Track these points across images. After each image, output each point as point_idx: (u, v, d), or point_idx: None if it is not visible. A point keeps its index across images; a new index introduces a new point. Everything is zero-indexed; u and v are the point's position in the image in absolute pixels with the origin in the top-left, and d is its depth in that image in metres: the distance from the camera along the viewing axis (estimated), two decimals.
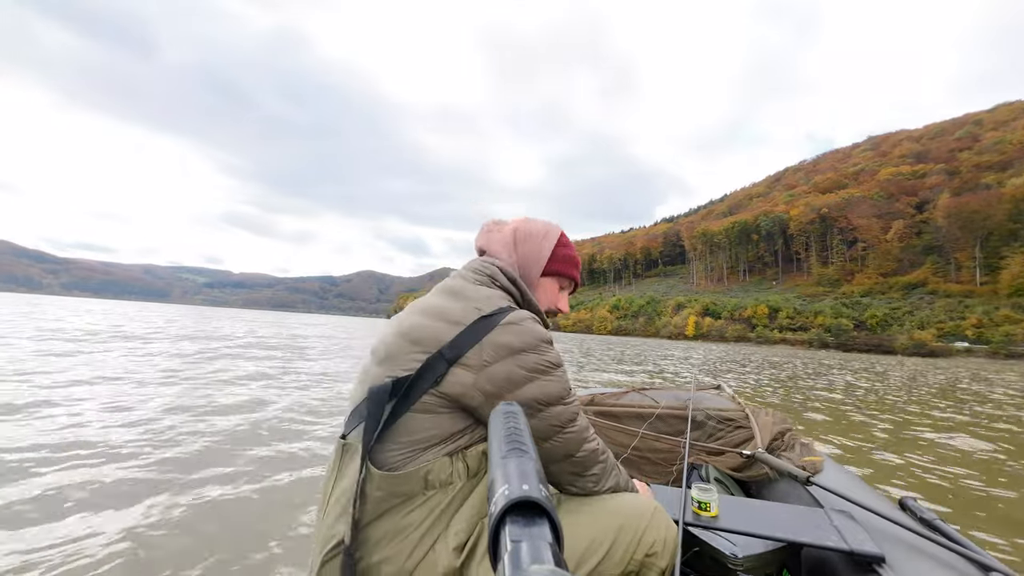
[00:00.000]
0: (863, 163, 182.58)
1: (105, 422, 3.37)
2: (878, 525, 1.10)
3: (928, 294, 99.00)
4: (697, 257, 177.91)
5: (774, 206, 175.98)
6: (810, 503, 1.31)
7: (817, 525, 1.09)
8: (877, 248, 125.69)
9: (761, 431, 1.79)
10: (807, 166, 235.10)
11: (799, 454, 1.66)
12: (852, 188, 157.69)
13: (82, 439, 2.93)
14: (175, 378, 5.58)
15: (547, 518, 0.24)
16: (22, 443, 2.78)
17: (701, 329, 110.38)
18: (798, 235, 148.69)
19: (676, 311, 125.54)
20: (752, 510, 1.17)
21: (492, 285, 0.92)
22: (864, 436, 4.83)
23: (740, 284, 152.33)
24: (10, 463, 2.46)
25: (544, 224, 1.02)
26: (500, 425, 0.39)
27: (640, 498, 0.90)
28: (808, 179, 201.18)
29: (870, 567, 0.95)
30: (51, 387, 4.46)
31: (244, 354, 9.21)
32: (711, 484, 1.26)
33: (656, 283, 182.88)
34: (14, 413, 3.41)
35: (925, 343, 73.12)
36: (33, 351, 7.12)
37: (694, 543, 1.19)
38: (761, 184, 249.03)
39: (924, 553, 0.98)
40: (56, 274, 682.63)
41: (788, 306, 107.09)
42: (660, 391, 2.33)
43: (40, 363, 5.91)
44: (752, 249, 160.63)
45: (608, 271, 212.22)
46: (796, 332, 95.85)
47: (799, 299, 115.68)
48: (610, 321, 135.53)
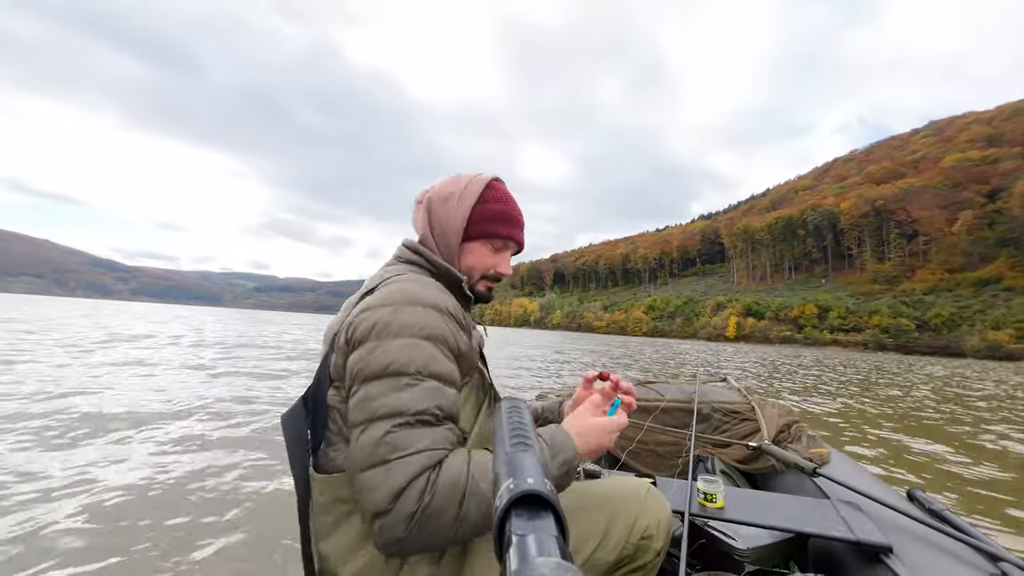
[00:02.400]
0: (924, 150, 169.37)
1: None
2: (885, 516, 1.09)
3: (1004, 291, 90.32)
4: (738, 255, 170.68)
5: (822, 199, 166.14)
6: (817, 494, 1.30)
7: (824, 516, 1.08)
8: (941, 241, 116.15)
9: (767, 423, 1.80)
10: (859, 156, 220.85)
11: (805, 446, 1.66)
12: (911, 177, 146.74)
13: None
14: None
15: (552, 511, 0.24)
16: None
17: (743, 330, 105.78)
18: (850, 229, 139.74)
19: (715, 311, 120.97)
20: (758, 501, 1.17)
21: (395, 262, 0.87)
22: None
23: (785, 282, 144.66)
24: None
25: (464, 180, 0.88)
26: (504, 419, 0.38)
27: (632, 481, 0.87)
28: (861, 169, 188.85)
29: (877, 557, 0.95)
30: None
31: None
32: (717, 476, 1.25)
33: (694, 283, 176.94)
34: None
35: (1001, 344, 66.90)
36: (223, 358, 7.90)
37: (700, 535, 1.18)
38: (807, 176, 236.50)
39: (932, 543, 0.98)
40: (126, 281, 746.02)
41: (840, 305, 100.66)
42: (665, 384, 2.34)
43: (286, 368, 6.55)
44: (798, 245, 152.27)
45: (643, 271, 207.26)
46: (849, 333, 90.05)
47: (852, 298, 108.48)
48: (645, 322, 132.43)
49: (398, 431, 0.63)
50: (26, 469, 2.38)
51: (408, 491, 0.60)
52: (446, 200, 0.86)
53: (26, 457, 2.54)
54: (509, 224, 0.89)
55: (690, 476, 1.23)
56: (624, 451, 1.84)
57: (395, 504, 0.59)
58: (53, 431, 3.03)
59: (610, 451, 1.88)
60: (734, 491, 1.21)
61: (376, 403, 0.64)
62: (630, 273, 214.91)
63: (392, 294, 0.71)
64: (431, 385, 0.67)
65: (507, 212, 0.88)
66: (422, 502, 0.60)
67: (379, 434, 0.62)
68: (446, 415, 0.67)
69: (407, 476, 0.60)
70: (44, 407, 3.60)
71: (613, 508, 0.79)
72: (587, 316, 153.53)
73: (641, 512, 0.80)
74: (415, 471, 0.61)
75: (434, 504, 0.60)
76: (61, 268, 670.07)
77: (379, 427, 0.63)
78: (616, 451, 1.86)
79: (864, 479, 1.36)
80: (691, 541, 1.17)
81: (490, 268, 0.90)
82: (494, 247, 0.89)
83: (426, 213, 0.88)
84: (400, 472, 0.60)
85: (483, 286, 0.91)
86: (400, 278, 0.76)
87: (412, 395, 0.65)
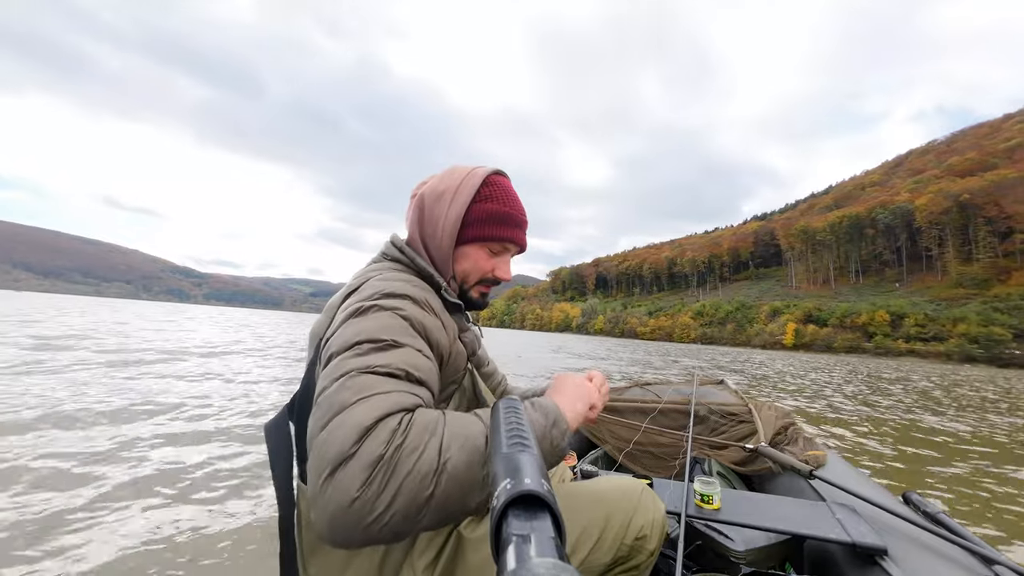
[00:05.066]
0: (1019, 137, 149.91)
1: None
2: (881, 518, 1.09)
3: None
4: (796, 257, 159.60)
5: (894, 195, 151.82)
6: (813, 497, 1.31)
7: (820, 518, 1.08)
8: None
9: (764, 425, 1.80)
10: (938, 146, 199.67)
11: (802, 448, 1.66)
12: (1004, 168, 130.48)
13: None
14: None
15: (549, 512, 0.24)
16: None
17: (803, 338, 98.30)
18: (928, 228, 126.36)
19: (771, 317, 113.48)
20: (755, 503, 1.16)
21: (381, 259, 0.82)
22: None
23: (852, 287, 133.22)
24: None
25: (460, 175, 0.79)
26: (501, 419, 0.38)
27: (628, 482, 0.85)
28: (940, 161, 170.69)
29: (872, 559, 0.95)
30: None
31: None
32: (714, 478, 1.25)
33: (747, 287, 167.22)
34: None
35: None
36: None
37: (697, 536, 1.18)
38: (876, 171, 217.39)
39: (926, 546, 0.98)
40: (200, 287, 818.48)
41: (917, 311, 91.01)
42: (663, 386, 2.34)
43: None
44: (866, 246, 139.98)
45: (690, 275, 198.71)
46: (928, 343, 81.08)
47: (931, 303, 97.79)
48: (693, 328, 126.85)
49: (360, 376, 0.52)
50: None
51: (376, 428, 0.47)
52: (439, 198, 0.78)
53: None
54: (508, 226, 0.80)
55: (687, 477, 1.24)
56: (621, 452, 1.83)
57: (359, 445, 0.46)
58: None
59: (607, 452, 1.90)
60: (731, 493, 1.22)
61: (341, 365, 0.54)
62: (676, 277, 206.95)
63: (368, 289, 0.67)
64: (404, 351, 0.58)
65: (506, 212, 0.80)
66: (392, 443, 0.47)
67: (341, 383, 0.52)
68: (419, 379, 0.57)
69: (374, 415, 0.48)
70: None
71: (609, 508, 0.78)
72: (631, 321, 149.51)
73: (636, 512, 0.79)
74: (385, 409, 0.50)
75: (407, 446, 0.47)
76: (147, 275, 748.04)
77: (341, 379, 0.52)
78: (613, 452, 1.86)
79: (860, 481, 1.36)
80: (688, 543, 1.16)
81: (487, 272, 0.82)
82: (492, 250, 0.82)
83: (418, 211, 0.80)
84: (365, 411, 0.49)
85: (478, 292, 0.84)
86: (381, 276, 0.71)
87: (381, 356, 0.56)
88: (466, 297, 0.83)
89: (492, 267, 0.82)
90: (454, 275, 0.81)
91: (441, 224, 0.77)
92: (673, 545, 0.95)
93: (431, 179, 0.83)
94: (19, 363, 5.45)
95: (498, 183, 0.80)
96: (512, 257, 0.86)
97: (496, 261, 0.83)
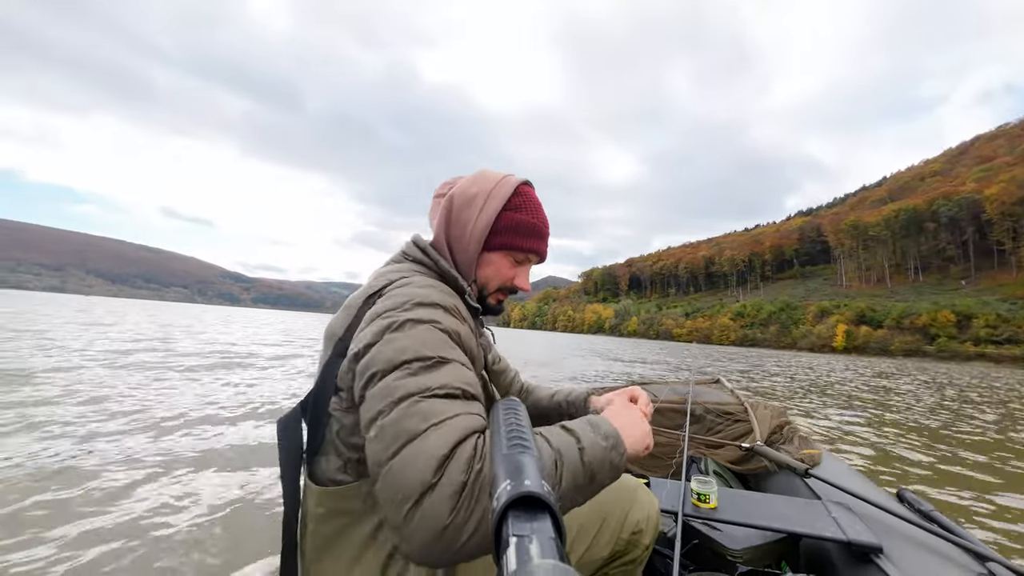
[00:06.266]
0: None
1: None
2: (876, 516, 1.11)
3: None
4: (846, 254, 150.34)
5: (958, 186, 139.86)
6: (808, 495, 1.32)
7: (815, 516, 1.10)
8: None
9: (760, 424, 1.81)
10: (1011, 130, 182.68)
11: (797, 447, 1.68)
12: None
13: None
14: None
15: (549, 513, 0.24)
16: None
17: (855, 340, 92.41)
18: (1000, 220, 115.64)
19: (819, 318, 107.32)
20: (751, 502, 1.17)
21: (403, 259, 0.82)
22: None
23: (910, 285, 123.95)
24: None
25: (492, 181, 0.80)
26: (501, 420, 0.38)
27: (623, 479, 0.84)
28: (1013, 147, 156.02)
29: (867, 557, 0.96)
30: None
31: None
32: (710, 477, 1.26)
33: (791, 286, 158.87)
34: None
35: None
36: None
37: (694, 535, 1.19)
38: (937, 161, 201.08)
39: (921, 543, 0.99)
40: (248, 291, 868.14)
41: (987, 311, 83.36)
42: (659, 385, 2.38)
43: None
44: (927, 241, 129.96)
45: (729, 274, 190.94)
46: (1002, 346, 74.24)
47: (1004, 303, 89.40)
48: (733, 330, 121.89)
49: (424, 402, 0.53)
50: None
51: (454, 457, 0.49)
52: (470, 201, 0.79)
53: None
54: (535, 237, 0.82)
55: (683, 477, 1.25)
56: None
57: (440, 474, 0.47)
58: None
59: None
60: (727, 492, 1.23)
61: (395, 386, 0.55)
62: (714, 277, 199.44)
63: (398, 296, 0.66)
64: (452, 367, 0.59)
65: (534, 224, 0.81)
66: (472, 469, 0.48)
67: (404, 409, 0.52)
68: (474, 395, 0.59)
69: (449, 442, 0.50)
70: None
71: (606, 506, 0.78)
72: (667, 323, 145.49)
73: (631, 507, 0.80)
74: (458, 436, 0.51)
75: (487, 473, 0.48)
76: (202, 280, 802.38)
77: (402, 405, 0.53)
78: None
79: (855, 480, 1.38)
80: (684, 542, 1.17)
81: (507, 281, 0.84)
82: (515, 260, 0.83)
83: (445, 212, 0.80)
84: (439, 439, 0.50)
85: (496, 299, 0.86)
86: (407, 280, 0.70)
87: (434, 376, 0.57)
88: (484, 303, 0.84)
89: (513, 276, 0.84)
90: (475, 279, 0.82)
91: (470, 228, 0.78)
92: (670, 544, 0.96)
93: (459, 181, 0.83)
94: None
95: (527, 194, 0.82)
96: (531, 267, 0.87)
97: (518, 270, 0.84)
